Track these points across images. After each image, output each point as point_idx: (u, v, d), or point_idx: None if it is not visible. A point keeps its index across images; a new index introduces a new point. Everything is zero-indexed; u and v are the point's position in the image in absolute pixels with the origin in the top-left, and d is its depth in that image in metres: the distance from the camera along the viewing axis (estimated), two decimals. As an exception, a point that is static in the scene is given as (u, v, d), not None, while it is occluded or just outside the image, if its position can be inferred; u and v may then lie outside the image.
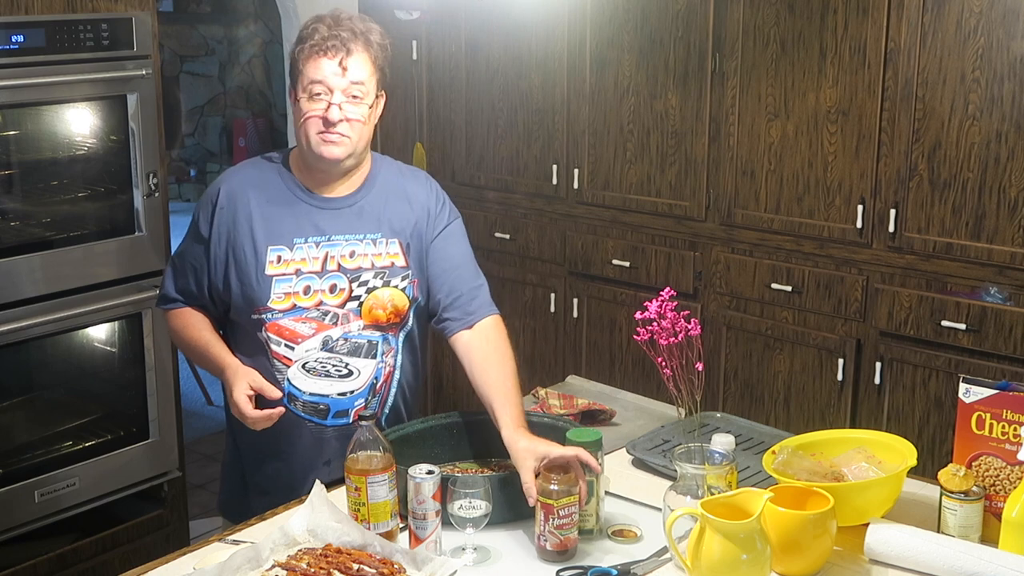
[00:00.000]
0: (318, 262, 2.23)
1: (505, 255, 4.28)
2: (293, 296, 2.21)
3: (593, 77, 3.88)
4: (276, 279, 2.21)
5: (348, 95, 2.17)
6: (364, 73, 2.18)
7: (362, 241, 2.25)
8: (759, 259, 3.57)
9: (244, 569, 1.81)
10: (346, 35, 2.16)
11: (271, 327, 2.22)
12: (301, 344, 2.22)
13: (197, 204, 2.33)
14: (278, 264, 2.21)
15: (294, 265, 2.22)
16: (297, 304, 2.21)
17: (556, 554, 1.92)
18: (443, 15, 4.27)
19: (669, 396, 2.28)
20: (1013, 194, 3.03)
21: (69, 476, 3.21)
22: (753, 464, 2.18)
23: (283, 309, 2.21)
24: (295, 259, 2.22)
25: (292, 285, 2.21)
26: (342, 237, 2.25)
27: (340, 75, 2.15)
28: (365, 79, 2.18)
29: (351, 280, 2.24)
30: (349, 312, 2.24)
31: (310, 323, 2.22)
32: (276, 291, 2.21)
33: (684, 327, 2.18)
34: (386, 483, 1.93)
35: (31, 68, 2.98)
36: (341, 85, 2.16)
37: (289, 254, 2.22)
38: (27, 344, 3.14)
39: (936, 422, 3.24)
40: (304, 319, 2.22)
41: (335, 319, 2.23)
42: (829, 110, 3.33)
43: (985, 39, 3.02)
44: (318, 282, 2.22)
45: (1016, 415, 1.93)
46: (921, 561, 1.85)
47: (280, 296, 2.21)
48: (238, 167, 2.36)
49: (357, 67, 2.17)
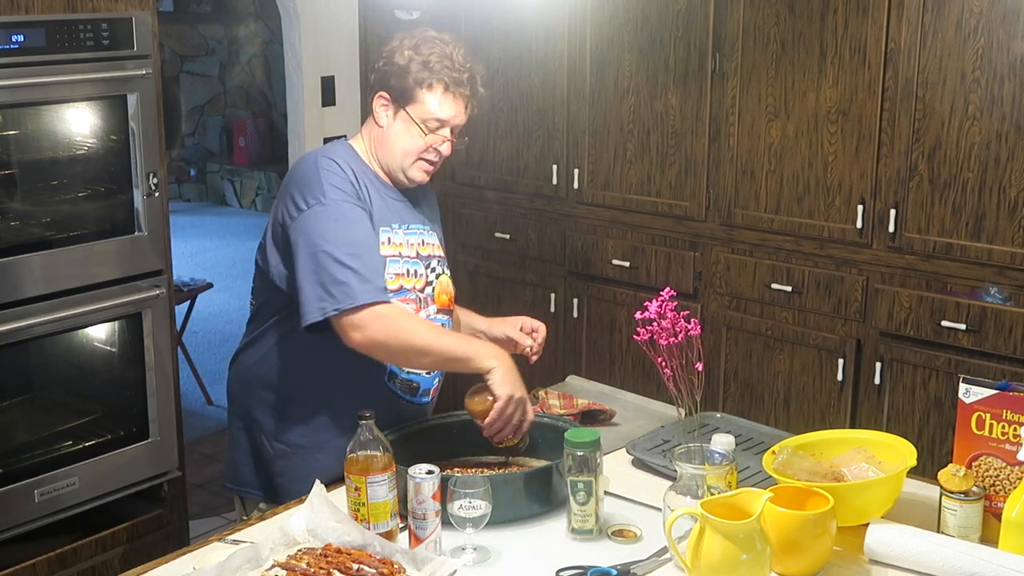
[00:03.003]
0: (412, 248, 2.32)
1: (505, 255, 4.28)
2: (401, 277, 2.28)
3: (593, 77, 3.88)
4: (389, 259, 2.27)
5: (453, 133, 2.30)
6: (469, 112, 2.32)
7: (424, 231, 2.38)
8: (759, 259, 3.57)
9: (244, 569, 1.81)
10: (468, 76, 2.28)
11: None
12: None
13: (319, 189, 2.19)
14: (388, 246, 2.27)
15: (397, 248, 2.29)
16: (403, 286, 2.29)
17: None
18: (443, 15, 4.26)
19: (669, 396, 2.28)
20: (1013, 194, 3.03)
21: (69, 476, 3.21)
22: (753, 464, 2.18)
23: (394, 289, 2.26)
24: (398, 242, 2.30)
25: (399, 266, 2.28)
26: (416, 226, 2.36)
27: (461, 117, 2.29)
28: (466, 118, 2.33)
29: (426, 267, 2.35)
30: (427, 296, 2.34)
31: (411, 303, 2.29)
32: (390, 271, 2.26)
33: (684, 327, 2.18)
34: (386, 483, 1.93)
35: (31, 68, 2.98)
36: (458, 124, 2.30)
37: (394, 236, 2.29)
38: (27, 344, 3.14)
39: (936, 422, 3.24)
40: (406, 300, 2.29)
41: (421, 302, 2.32)
42: (829, 110, 3.33)
43: (985, 39, 3.02)
44: (411, 266, 2.31)
45: (1016, 415, 1.93)
46: (921, 561, 1.85)
47: (391, 276, 2.26)
48: (324, 151, 2.31)
49: (473, 110, 2.32)
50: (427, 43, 2.27)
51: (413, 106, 2.26)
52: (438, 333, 2.25)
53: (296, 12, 5.08)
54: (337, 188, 2.20)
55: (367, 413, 1.95)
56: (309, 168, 2.24)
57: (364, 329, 2.13)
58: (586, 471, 1.98)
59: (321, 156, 2.27)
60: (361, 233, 2.19)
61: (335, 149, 2.33)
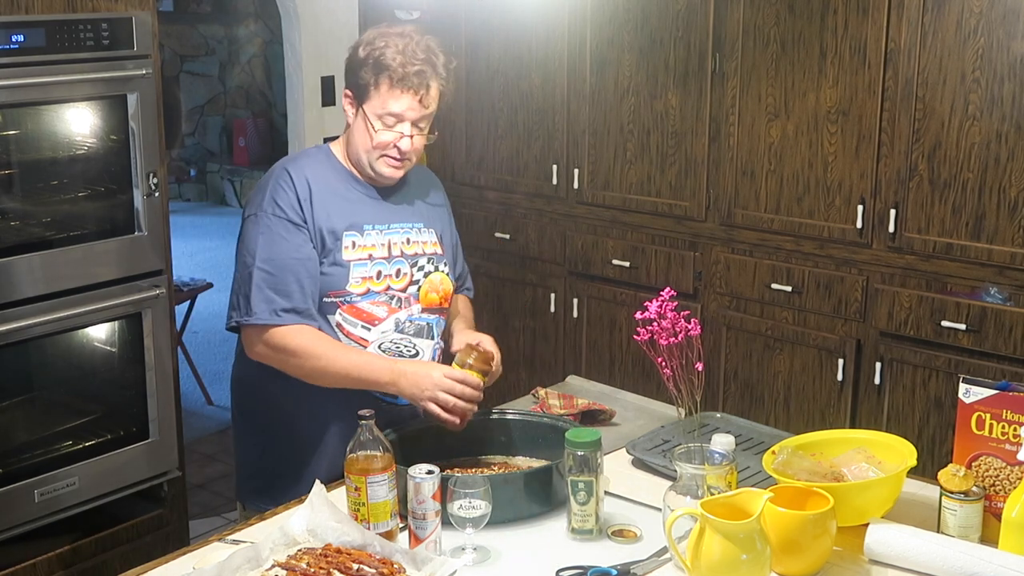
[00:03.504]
0: (385, 248, 2.32)
1: (505, 255, 4.28)
2: (368, 280, 2.28)
3: (593, 77, 3.88)
4: (354, 264, 2.27)
5: (418, 126, 2.27)
6: (434, 105, 2.28)
7: (412, 229, 2.37)
8: (759, 259, 3.57)
9: (244, 569, 1.81)
10: (427, 70, 2.23)
11: (348, 309, 2.27)
12: (377, 326, 2.30)
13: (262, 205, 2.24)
14: (353, 249, 2.28)
15: (367, 251, 2.29)
16: (371, 288, 2.29)
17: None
18: (443, 15, 4.26)
19: (669, 396, 2.28)
20: (1013, 194, 3.03)
21: (69, 476, 3.21)
22: (753, 464, 2.18)
23: (359, 293, 2.28)
24: (366, 245, 2.30)
25: (367, 269, 2.29)
26: (399, 225, 2.35)
27: (416, 110, 2.25)
28: (434, 110, 2.29)
29: (411, 265, 2.34)
30: (410, 296, 2.34)
31: (382, 306, 2.30)
32: (354, 275, 2.27)
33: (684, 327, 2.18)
34: (386, 483, 1.93)
35: (31, 68, 2.98)
36: (414, 117, 2.26)
37: (361, 239, 2.29)
38: (27, 344, 3.14)
39: (936, 422, 3.24)
40: (377, 302, 2.29)
41: (399, 302, 2.32)
42: (829, 110, 3.33)
43: (985, 39, 3.02)
44: (387, 267, 2.31)
45: (1016, 415, 1.93)
46: (921, 561, 1.85)
47: (357, 280, 2.27)
48: (292, 161, 2.34)
49: (431, 101, 2.27)
50: (383, 37, 2.24)
51: (368, 103, 2.25)
52: (328, 362, 2.20)
53: (296, 12, 5.08)
54: (275, 203, 2.24)
55: (367, 413, 1.95)
56: (268, 177, 2.32)
57: (253, 347, 2.26)
58: (586, 471, 1.98)
59: (282, 166, 2.32)
60: (282, 252, 2.22)
61: (306, 157, 2.36)
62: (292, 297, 2.21)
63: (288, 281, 2.21)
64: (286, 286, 2.21)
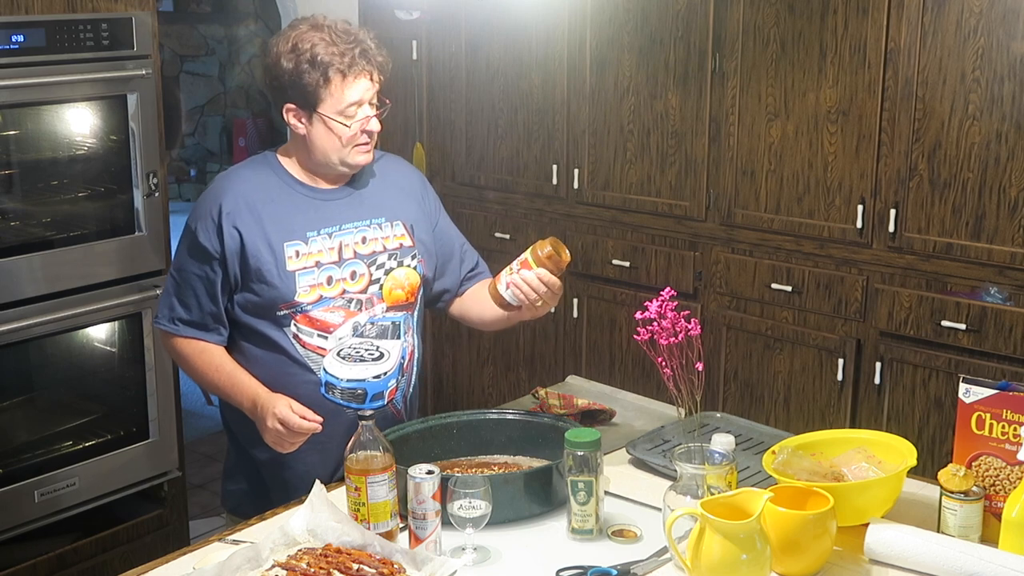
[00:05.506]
0: (334, 252, 2.28)
1: (505, 255, 4.25)
2: (318, 287, 2.25)
3: (593, 77, 3.88)
4: (299, 273, 2.24)
5: (373, 105, 2.26)
6: (379, 79, 2.27)
7: (370, 226, 2.33)
8: (759, 259, 3.57)
9: (244, 569, 1.81)
10: (363, 47, 2.22)
11: (301, 319, 2.25)
12: (334, 333, 2.27)
13: (192, 218, 2.28)
14: (297, 259, 2.25)
15: (313, 258, 2.26)
16: (323, 295, 2.26)
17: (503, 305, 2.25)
18: (443, 15, 4.27)
19: (669, 396, 2.28)
20: (1013, 194, 3.03)
21: (69, 476, 3.21)
22: (753, 464, 2.18)
23: (311, 301, 2.25)
24: (312, 252, 2.26)
25: (315, 277, 2.25)
26: (351, 225, 2.31)
27: (371, 88, 2.24)
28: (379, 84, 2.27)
29: (368, 264, 2.31)
30: (372, 296, 2.31)
31: (338, 311, 2.27)
32: (301, 285, 2.24)
33: (684, 327, 2.18)
34: (386, 483, 1.93)
35: (31, 68, 2.98)
36: (371, 98, 2.25)
37: (305, 247, 2.26)
38: (27, 344, 3.14)
39: (936, 422, 3.24)
40: (332, 308, 2.27)
41: (359, 305, 2.29)
42: (829, 110, 3.33)
43: (985, 39, 3.02)
44: (338, 271, 2.27)
45: (1016, 415, 1.93)
46: (921, 561, 1.85)
47: (306, 289, 2.24)
48: (230, 173, 2.34)
49: (380, 74, 2.26)
50: (301, 39, 2.20)
51: (323, 105, 2.21)
52: (200, 380, 2.33)
53: (296, 12, 5.08)
54: (199, 217, 2.26)
55: (367, 413, 1.95)
56: (207, 192, 2.32)
57: (164, 347, 2.41)
58: (586, 471, 1.98)
59: (221, 177, 2.32)
60: (189, 265, 2.26)
61: (247, 168, 2.33)
62: (191, 310, 2.27)
63: (187, 294, 2.27)
64: (186, 298, 2.27)
